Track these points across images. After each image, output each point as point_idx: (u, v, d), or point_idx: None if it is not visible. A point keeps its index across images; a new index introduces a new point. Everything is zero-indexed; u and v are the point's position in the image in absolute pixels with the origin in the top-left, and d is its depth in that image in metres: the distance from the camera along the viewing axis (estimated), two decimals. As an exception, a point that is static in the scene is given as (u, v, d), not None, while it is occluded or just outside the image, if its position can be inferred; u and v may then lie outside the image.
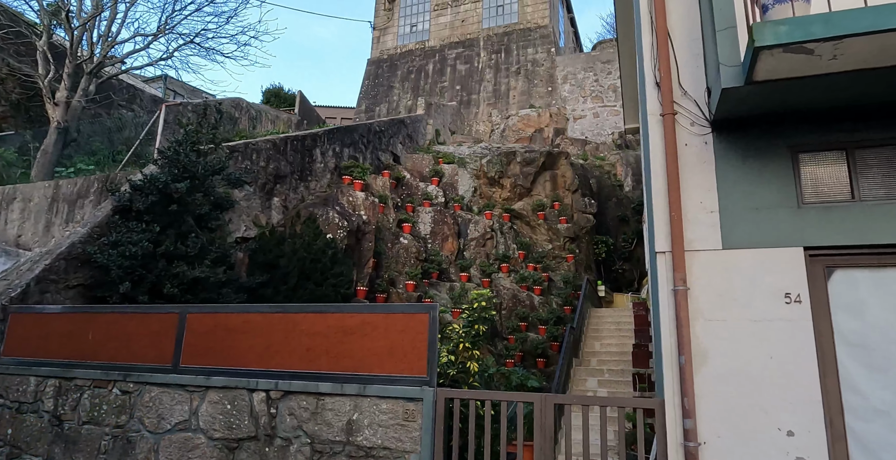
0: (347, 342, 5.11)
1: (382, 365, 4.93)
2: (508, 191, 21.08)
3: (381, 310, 5.09)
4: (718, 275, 4.13)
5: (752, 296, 4.02)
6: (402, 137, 21.12)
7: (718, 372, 3.97)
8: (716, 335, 4.04)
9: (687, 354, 3.97)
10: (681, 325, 4.03)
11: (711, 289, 4.12)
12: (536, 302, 17.67)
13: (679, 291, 4.09)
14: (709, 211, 4.25)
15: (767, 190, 4.18)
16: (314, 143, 14.79)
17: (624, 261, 22.59)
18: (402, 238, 16.37)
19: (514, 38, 30.65)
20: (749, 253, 4.10)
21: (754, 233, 4.11)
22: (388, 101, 31.79)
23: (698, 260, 4.20)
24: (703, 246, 4.21)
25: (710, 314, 4.08)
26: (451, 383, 5.89)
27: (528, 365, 15.96)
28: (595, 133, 27.45)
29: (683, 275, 4.12)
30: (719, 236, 4.19)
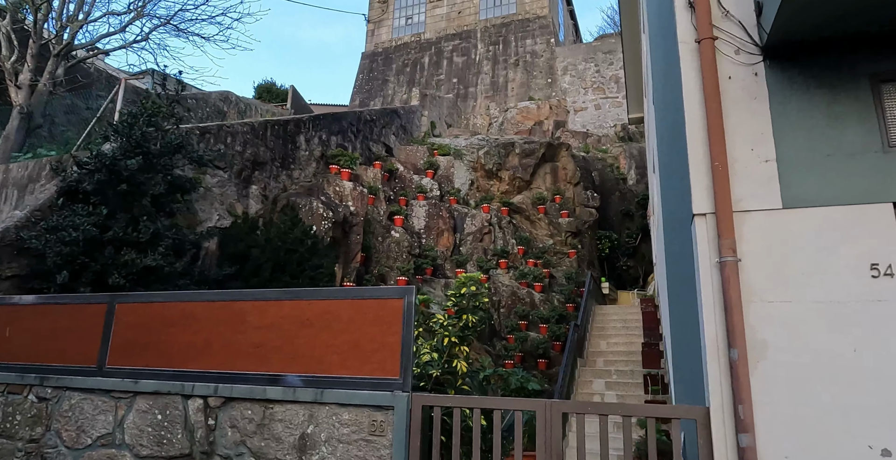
0: (304, 336, 4.11)
1: (346, 365, 3.93)
2: (507, 184, 20.09)
3: (346, 294, 4.08)
4: (778, 242, 3.13)
5: (825, 269, 3.02)
6: (396, 128, 20.13)
7: (782, 370, 2.97)
8: (777, 321, 3.03)
9: (741, 347, 2.97)
10: (731, 309, 3.02)
11: (769, 260, 3.12)
12: (537, 299, 16.67)
13: (727, 264, 3.09)
14: (763, 160, 3.25)
15: (841, 131, 3.18)
16: (298, 130, 13.80)
17: (628, 258, 21.58)
18: (394, 231, 15.38)
19: (513, 28, 29.69)
20: (819, 213, 3.10)
21: (825, 187, 3.11)
22: (382, 96, 30.82)
23: (751, 223, 3.20)
24: (757, 205, 3.21)
25: (768, 294, 3.08)
26: (435, 386, 4.90)
27: (529, 366, 14.95)
28: (597, 125, 26.46)
29: (732, 243, 3.12)
30: (778, 192, 3.19)
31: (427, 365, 4.92)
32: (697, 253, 3.25)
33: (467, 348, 4.98)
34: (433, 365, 4.91)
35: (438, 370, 4.87)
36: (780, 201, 3.17)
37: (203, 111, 19.70)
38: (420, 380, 4.92)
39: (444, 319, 5.06)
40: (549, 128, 26.04)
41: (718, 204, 3.19)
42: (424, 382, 4.90)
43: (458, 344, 4.97)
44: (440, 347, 5.03)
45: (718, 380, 3.03)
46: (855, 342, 2.91)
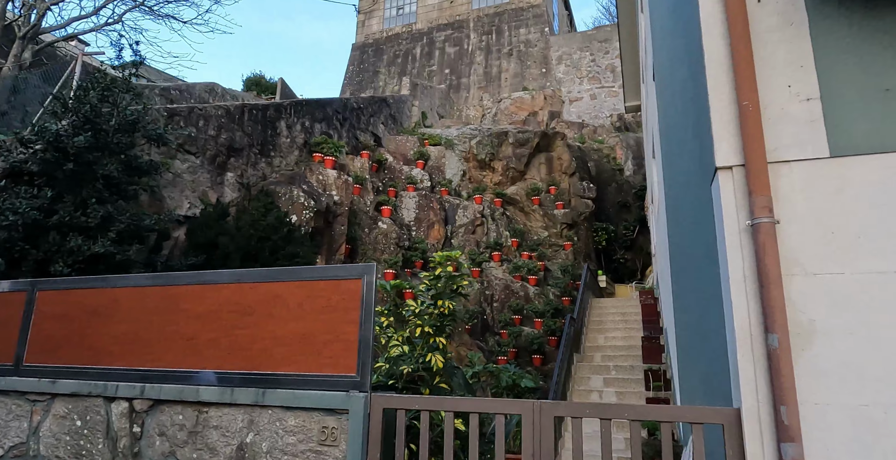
0: (245, 326, 3.43)
1: (293, 360, 3.26)
2: (500, 175, 19.43)
3: (294, 275, 3.40)
4: (825, 199, 2.47)
5: (887, 230, 2.36)
6: (384, 118, 19.43)
7: (836, 360, 2.32)
8: (827, 298, 2.38)
9: (781, 332, 2.31)
10: (768, 284, 2.36)
11: (814, 222, 2.46)
12: (531, 293, 16.04)
13: (762, 227, 2.43)
14: (803, 99, 2.59)
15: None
16: (278, 115, 13.09)
17: (626, 250, 20.98)
18: (381, 222, 14.71)
19: (506, 18, 28.98)
20: (877, 161, 2.44)
21: (885, 129, 2.45)
22: (373, 88, 30.07)
23: (790, 176, 2.53)
24: (798, 153, 2.55)
25: (814, 264, 2.42)
26: (409, 385, 4.23)
27: (523, 362, 14.32)
28: (592, 115, 25.80)
29: (768, 201, 2.46)
30: (823, 137, 2.53)
31: (399, 360, 4.25)
32: (722, 215, 2.59)
33: (445, 340, 4.31)
34: (405, 361, 4.24)
35: (411, 366, 4.20)
36: (827, 148, 2.51)
37: (186, 102, 18.94)
38: (390, 378, 4.26)
39: (416, 306, 4.38)
40: (544, 119, 25.38)
41: (749, 153, 2.52)
42: (395, 380, 4.24)
43: (433, 334, 4.29)
44: (414, 339, 4.35)
45: (752, 375, 2.37)
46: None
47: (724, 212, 2.59)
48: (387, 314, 4.49)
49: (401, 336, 4.33)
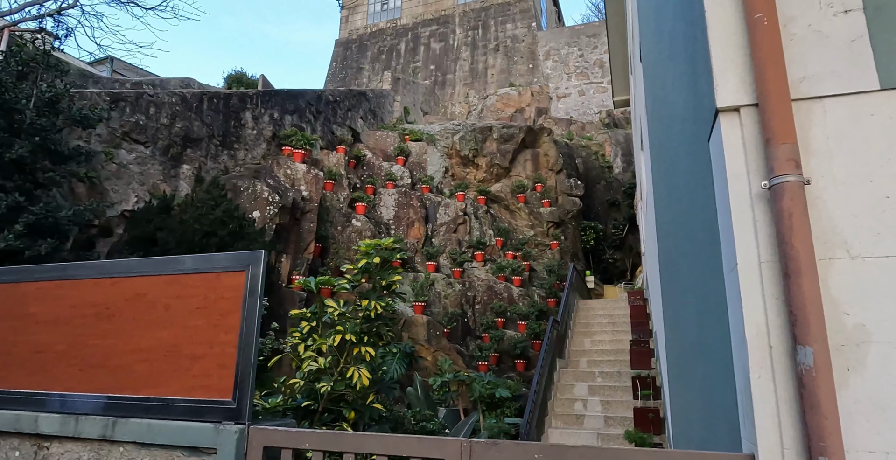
0: (104, 335, 2.63)
1: (156, 380, 2.46)
2: (484, 172, 18.66)
3: (161, 268, 2.60)
4: (878, 150, 1.70)
5: (971, 193, 1.59)
6: (364, 112, 18.63)
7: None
8: (885, 294, 1.60)
9: (818, 344, 1.53)
10: (795, 272, 1.59)
11: (863, 183, 1.70)
12: (515, 294, 15.26)
13: (786, 189, 1.66)
14: (840, 9, 1.83)
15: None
16: (243, 105, 12.25)
17: (615, 250, 20.30)
18: (355, 220, 13.89)
19: (493, 12, 28.27)
20: (952, 94, 1.67)
21: (961, 49, 1.68)
22: (357, 84, 29.23)
23: (824, 119, 1.77)
24: (835, 87, 1.79)
25: (864, 244, 1.65)
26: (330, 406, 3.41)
27: (506, 367, 13.55)
28: (581, 112, 25.11)
29: (793, 152, 1.69)
30: (871, 63, 1.77)
31: (314, 375, 3.44)
32: (726, 178, 1.81)
33: (372, 350, 3.49)
34: (322, 377, 3.44)
35: (330, 382, 3.39)
36: (877, 78, 1.75)
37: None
38: (309, 399, 3.45)
39: (337, 308, 3.55)
40: (531, 116, 24.68)
41: (765, 87, 1.75)
42: (311, 402, 3.43)
43: (357, 343, 3.48)
44: (334, 349, 3.54)
45: (773, 408, 1.59)
46: None
47: (728, 173, 1.82)
48: (310, 318, 3.69)
49: (321, 344, 3.53)
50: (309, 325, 3.63)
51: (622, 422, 8.74)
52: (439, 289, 14.57)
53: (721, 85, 1.86)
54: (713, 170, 2.04)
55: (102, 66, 28.54)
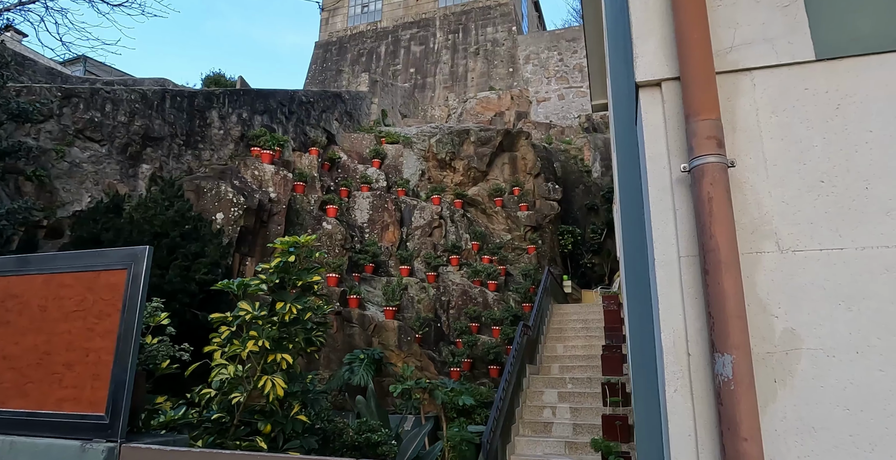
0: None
1: (24, 391, 2.17)
2: (461, 175, 18.43)
3: (36, 266, 2.31)
4: (812, 127, 1.48)
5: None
6: (339, 114, 18.33)
7: (834, 405, 1.28)
8: (819, 294, 1.36)
9: (739, 352, 1.28)
10: (714, 267, 1.34)
11: (795, 165, 1.46)
12: (490, 299, 15.02)
13: (706, 171, 1.42)
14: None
15: None
16: (209, 104, 11.91)
17: (593, 255, 20.15)
18: (326, 223, 13.57)
19: (473, 16, 28.18)
20: (892, 63, 1.45)
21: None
22: (336, 86, 28.92)
23: (753, 93, 1.54)
24: (765, 57, 1.57)
25: (796, 235, 1.41)
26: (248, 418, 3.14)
27: (479, 373, 13.29)
28: (560, 116, 25.06)
29: (716, 129, 1.46)
30: (806, 30, 1.55)
31: (229, 385, 3.16)
32: (645, 158, 1.58)
33: (290, 357, 3.22)
34: (235, 387, 3.16)
35: (244, 393, 3.11)
36: (811, 47, 1.53)
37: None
38: (223, 412, 3.17)
39: (250, 311, 3.26)
40: (511, 120, 24.55)
41: (687, 58, 1.53)
42: (224, 415, 3.15)
43: (273, 350, 3.20)
44: (251, 358, 3.26)
45: (691, 426, 1.35)
46: None
47: (646, 155, 1.59)
48: (230, 322, 3.40)
49: (240, 352, 3.24)
50: (229, 330, 3.34)
51: (591, 430, 8.53)
52: (413, 293, 14.29)
53: (641, 56, 1.63)
54: (639, 154, 1.81)
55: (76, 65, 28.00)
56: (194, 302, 6.44)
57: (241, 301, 3.27)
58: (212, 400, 3.18)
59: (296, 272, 3.40)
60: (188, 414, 2.89)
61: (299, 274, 3.38)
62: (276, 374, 3.12)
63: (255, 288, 3.37)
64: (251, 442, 2.98)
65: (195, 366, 3.16)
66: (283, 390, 3.02)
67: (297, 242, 3.57)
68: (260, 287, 3.40)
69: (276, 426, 3.07)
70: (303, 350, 3.40)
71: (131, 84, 18.33)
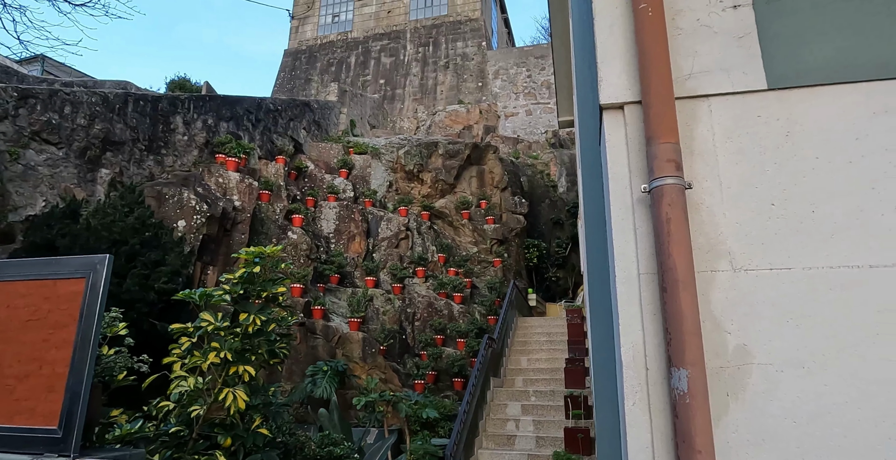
0: (-84, 351, 2.22)
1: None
2: (429, 187, 18.50)
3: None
4: (764, 153, 1.56)
5: (861, 198, 1.46)
6: (308, 123, 18.22)
7: (782, 418, 1.35)
8: (770, 311, 1.43)
9: (694, 367, 1.34)
10: (672, 285, 1.40)
11: (748, 189, 1.54)
12: (456, 311, 15.05)
13: (665, 192, 1.49)
14: (728, 5, 1.71)
15: (871, -50, 1.68)
16: (174, 109, 11.69)
17: (558, 268, 20.41)
18: (291, 232, 13.42)
19: (444, 30, 28.48)
20: (843, 96, 1.55)
21: (849, 48, 1.58)
22: (305, 95, 28.76)
23: (710, 118, 1.62)
24: (721, 85, 1.65)
25: (748, 255, 1.49)
26: (207, 431, 3.06)
27: (444, 386, 13.25)
28: (528, 131, 25.46)
29: (674, 152, 1.53)
30: (759, 61, 1.65)
31: (189, 398, 3.09)
32: (607, 178, 1.64)
33: (252, 369, 3.17)
34: (195, 400, 3.09)
35: (203, 406, 3.05)
36: (764, 77, 1.62)
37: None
38: (181, 425, 3.09)
39: (212, 322, 3.21)
40: (479, 134, 24.81)
41: (648, 83, 1.60)
42: (182, 428, 3.07)
43: (234, 361, 3.14)
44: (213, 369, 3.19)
45: (648, 439, 1.39)
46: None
47: (609, 175, 1.64)
48: (191, 333, 3.33)
49: (201, 364, 3.17)
50: (189, 341, 3.26)
51: (553, 443, 8.59)
52: (378, 305, 14.21)
53: (605, 79, 1.69)
54: (602, 174, 1.87)
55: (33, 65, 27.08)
56: (153, 311, 6.27)
57: (203, 311, 3.20)
58: (170, 413, 3.09)
59: (261, 283, 3.35)
60: (145, 428, 2.80)
61: (264, 284, 3.33)
62: (238, 386, 3.06)
63: (219, 298, 3.30)
64: (210, 456, 2.90)
65: (153, 378, 3.06)
66: (245, 403, 2.96)
67: (263, 253, 3.52)
68: (223, 297, 3.33)
69: (237, 439, 3.00)
70: (266, 362, 3.35)
71: (92, 86, 17.86)
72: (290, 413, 6.40)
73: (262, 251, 3.54)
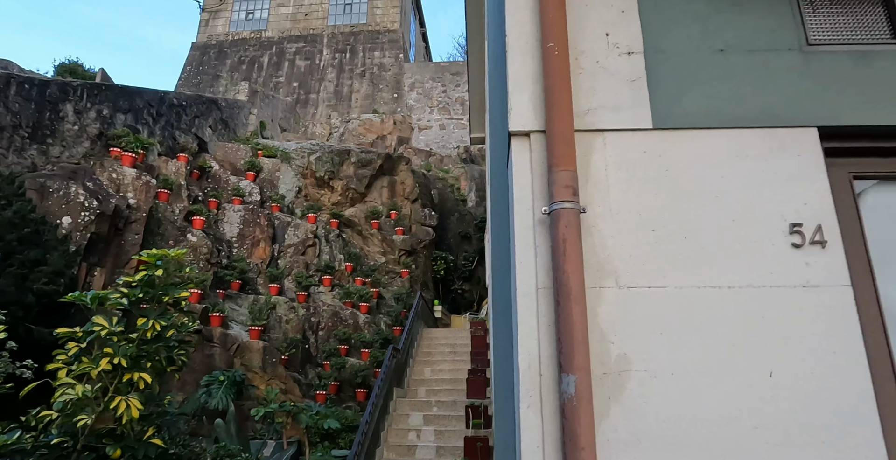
0: None
1: None
2: (339, 195, 18.31)
3: None
4: (647, 184, 1.78)
5: (723, 230, 1.71)
6: (214, 121, 17.47)
7: (655, 419, 1.55)
8: (647, 325, 1.64)
9: (581, 373, 1.50)
10: (565, 299, 1.56)
11: (634, 215, 1.75)
12: (362, 321, 14.94)
13: (562, 215, 1.66)
14: (623, 52, 1.92)
15: (740, 15, 1.96)
16: (64, 96, 10.81)
17: (465, 281, 20.83)
18: (190, 235, 12.77)
19: (362, 39, 28.42)
20: (713, 139, 1.80)
21: (717, 99, 1.84)
22: (212, 92, 27.52)
23: (604, 151, 1.82)
24: (615, 122, 1.86)
25: (631, 274, 1.69)
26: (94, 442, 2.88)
27: (346, 397, 13.09)
28: (441, 145, 25.89)
29: (572, 179, 1.71)
30: (647, 103, 1.87)
31: (76, 406, 2.90)
32: (513, 199, 1.79)
33: (148, 376, 3.03)
34: (83, 408, 2.91)
35: (91, 415, 2.87)
36: (650, 117, 1.84)
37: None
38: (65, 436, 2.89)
39: (106, 326, 3.04)
40: (392, 144, 24.90)
41: (552, 114, 1.77)
42: (66, 439, 2.88)
43: (129, 368, 3.00)
44: (106, 376, 3.02)
45: (539, 442, 1.53)
46: (776, 361, 1.59)
47: (514, 197, 1.79)
48: (80, 338, 3.13)
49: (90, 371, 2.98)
50: (78, 347, 3.04)
51: (453, 452, 8.74)
52: (281, 313, 13.81)
53: (514, 109, 1.85)
54: (509, 195, 2.02)
55: None
56: (30, 315, 5.76)
57: (97, 315, 3.00)
58: (52, 422, 2.85)
59: (162, 287, 3.20)
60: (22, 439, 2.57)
61: (166, 289, 3.18)
62: (133, 395, 2.89)
63: (115, 301, 3.09)
64: (96, 470, 2.73)
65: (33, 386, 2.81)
66: (139, 411, 2.80)
67: (167, 255, 3.38)
68: (120, 301, 3.13)
69: (127, 450, 2.82)
70: (163, 369, 3.18)
71: (-35, 64, 16.18)
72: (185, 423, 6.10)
73: (166, 253, 3.39)
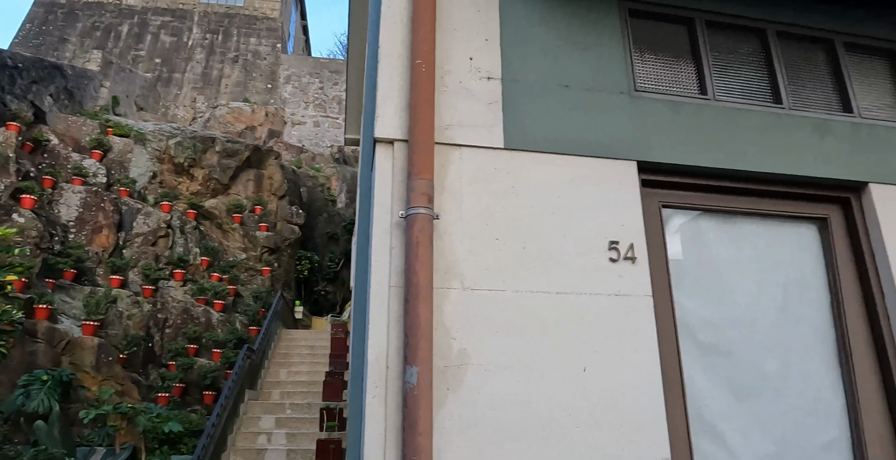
0: None
1: None
2: (200, 184, 17.18)
3: None
4: (495, 198, 1.98)
5: (556, 241, 1.96)
6: (57, 90, 15.61)
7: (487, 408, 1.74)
8: (485, 323, 1.83)
9: (423, 365, 1.65)
10: (414, 297, 1.71)
11: (481, 225, 1.94)
12: (215, 319, 14.12)
13: (417, 220, 1.81)
14: (484, 76, 2.13)
15: (583, 57, 2.25)
16: None
17: (328, 283, 20.51)
18: (18, 215, 11.29)
19: (237, 22, 27.00)
20: (552, 163, 2.06)
21: (558, 127, 2.12)
22: (57, 57, 24.47)
23: (460, 164, 2.00)
24: (471, 138, 2.05)
25: (475, 277, 1.88)
26: None
27: (192, 399, 12.28)
28: (314, 143, 25.33)
29: (428, 187, 1.86)
30: (500, 125, 2.08)
31: None
32: (374, 202, 1.90)
33: None
34: None
35: None
36: (502, 138, 2.06)
37: None
38: None
39: None
40: (263, 136, 23.86)
41: (415, 125, 1.92)
42: None
43: None
44: None
45: (381, 430, 1.65)
46: (586, 358, 1.86)
47: (375, 200, 1.90)
48: None
49: None
50: None
51: (305, 455, 8.59)
52: (122, 307, 12.62)
53: (381, 117, 1.96)
54: (371, 198, 2.12)
55: None
56: None
57: None
58: None
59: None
60: None
61: None
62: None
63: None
64: None
65: None
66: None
67: None
68: None
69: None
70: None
71: None
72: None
73: None
